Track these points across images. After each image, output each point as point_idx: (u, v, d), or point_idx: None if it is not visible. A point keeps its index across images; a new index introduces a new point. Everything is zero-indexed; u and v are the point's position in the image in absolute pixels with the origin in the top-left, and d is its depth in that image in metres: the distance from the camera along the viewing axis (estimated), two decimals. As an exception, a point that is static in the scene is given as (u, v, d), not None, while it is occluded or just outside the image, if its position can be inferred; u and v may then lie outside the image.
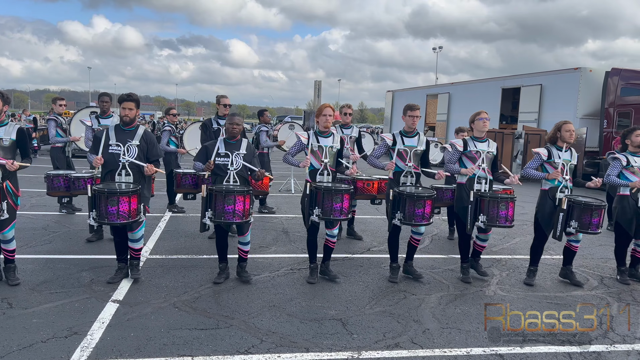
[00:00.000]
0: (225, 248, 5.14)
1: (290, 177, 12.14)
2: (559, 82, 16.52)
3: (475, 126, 5.44)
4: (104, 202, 4.56)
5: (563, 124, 5.44)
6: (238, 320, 4.17)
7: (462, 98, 21.28)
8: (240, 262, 5.20)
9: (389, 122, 27.12)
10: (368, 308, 4.59)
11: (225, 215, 4.73)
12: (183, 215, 8.42)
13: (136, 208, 4.71)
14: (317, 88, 49.62)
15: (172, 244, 6.55)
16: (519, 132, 16.53)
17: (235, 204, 4.72)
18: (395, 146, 5.30)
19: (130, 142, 4.96)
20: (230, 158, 5.04)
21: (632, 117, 14.51)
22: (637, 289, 5.48)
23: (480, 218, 5.19)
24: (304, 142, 5.18)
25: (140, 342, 3.70)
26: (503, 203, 5.17)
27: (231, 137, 5.15)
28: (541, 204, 5.43)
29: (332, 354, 3.64)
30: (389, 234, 5.40)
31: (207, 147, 5.18)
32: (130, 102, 4.96)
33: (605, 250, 7.12)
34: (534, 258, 5.58)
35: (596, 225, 5.22)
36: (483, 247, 5.65)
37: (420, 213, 5.05)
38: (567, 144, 5.41)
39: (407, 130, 5.39)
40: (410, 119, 5.33)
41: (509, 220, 5.24)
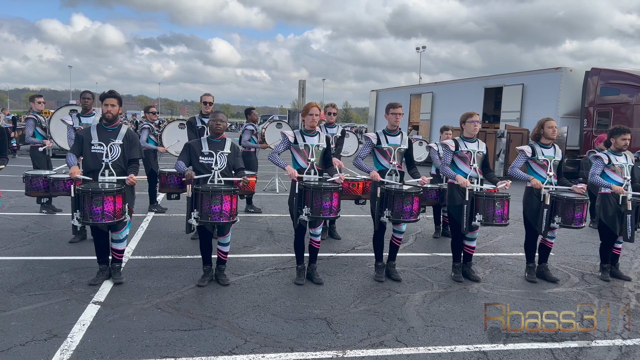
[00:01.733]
0: (210, 250, 5.07)
1: (275, 176, 12.09)
2: (541, 81, 16.72)
3: (465, 127, 5.45)
4: (88, 202, 4.48)
5: (546, 121, 5.51)
6: (222, 321, 4.13)
7: (446, 97, 21.43)
8: (220, 264, 5.12)
9: (373, 121, 27.20)
10: (353, 307, 4.58)
11: (212, 215, 4.66)
12: (166, 216, 8.33)
13: (121, 208, 4.64)
14: (302, 87, 49.51)
15: (154, 244, 6.48)
16: (501, 131, 16.71)
17: (222, 203, 4.66)
18: (380, 145, 5.31)
19: (114, 142, 4.89)
20: (215, 157, 4.98)
21: (611, 116, 14.75)
22: (617, 285, 5.57)
23: (477, 217, 5.21)
24: (290, 140, 5.15)
25: (122, 344, 3.64)
26: (499, 201, 5.20)
27: (215, 134, 5.10)
28: (527, 202, 5.50)
29: (316, 354, 3.63)
30: (375, 233, 5.40)
31: (190, 145, 5.10)
32: (113, 98, 4.88)
33: (586, 247, 7.22)
34: (529, 255, 5.65)
35: (579, 220, 5.31)
36: (472, 248, 5.57)
37: (408, 209, 5.07)
38: (550, 140, 5.47)
39: (390, 129, 5.39)
40: (392, 116, 5.33)
41: (505, 219, 5.26)
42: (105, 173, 4.83)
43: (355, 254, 6.42)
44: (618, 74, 15.19)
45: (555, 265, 6.18)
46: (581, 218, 5.32)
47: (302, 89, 50.27)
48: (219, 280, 5.06)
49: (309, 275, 5.28)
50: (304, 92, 51.11)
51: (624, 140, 5.64)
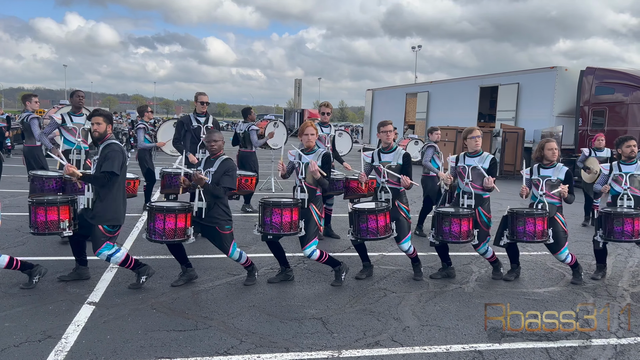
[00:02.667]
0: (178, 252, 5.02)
1: (271, 175, 12.08)
2: (536, 80, 16.77)
3: (468, 144, 5.47)
4: None
5: (545, 143, 5.49)
6: (217, 321, 4.12)
7: (441, 97, 21.45)
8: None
9: (369, 120, 27.20)
10: (348, 307, 4.58)
11: (163, 234, 4.75)
12: (161, 215, 8.30)
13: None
14: (298, 87, 49.44)
15: (150, 244, 6.43)
16: (496, 130, 16.75)
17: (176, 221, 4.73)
18: (374, 163, 5.48)
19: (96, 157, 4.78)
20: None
21: (606, 115, 14.80)
22: (612, 284, 5.58)
23: (505, 232, 5.40)
24: (291, 159, 5.32)
25: (117, 345, 3.62)
26: (453, 220, 5.18)
27: (211, 154, 5.03)
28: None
29: (312, 354, 3.63)
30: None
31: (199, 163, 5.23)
32: (99, 116, 4.71)
33: (580, 246, 7.24)
34: (511, 257, 5.70)
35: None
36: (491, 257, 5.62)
37: (364, 227, 5.17)
38: (550, 161, 5.44)
39: (384, 147, 5.49)
40: (384, 134, 5.43)
41: (456, 237, 5.24)
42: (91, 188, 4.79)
43: (351, 253, 6.41)
44: (613, 73, 15.24)
45: (551, 265, 6.19)
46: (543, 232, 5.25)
47: (298, 88, 50.27)
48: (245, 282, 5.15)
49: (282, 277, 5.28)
50: (300, 91, 51.14)
51: (629, 148, 5.65)
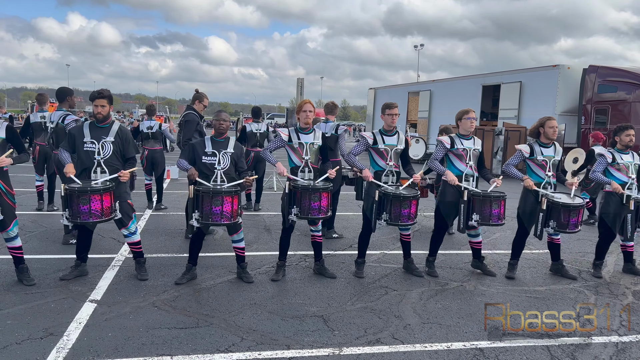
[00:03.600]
0: (198, 250, 5.07)
1: (273, 174, 12.08)
2: (538, 79, 16.73)
3: (462, 124, 5.43)
4: (76, 200, 4.46)
5: (547, 120, 5.46)
6: (218, 319, 4.13)
7: (443, 95, 21.43)
8: (240, 262, 5.16)
9: (372, 119, 27.19)
10: (349, 304, 4.58)
11: (213, 216, 4.65)
12: (164, 214, 8.33)
13: (109, 206, 4.62)
14: (300, 85, 49.58)
15: (152, 242, 6.47)
16: (499, 128, 16.71)
17: (223, 205, 4.64)
18: (377, 145, 5.29)
19: (105, 139, 4.87)
20: (217, 157, 4.97)
21: (609, 113, 14.77)
22: (614, 282, 5.57)
23: (474, 217, 5.25)
24: (284, 138, 5.14)
25: (118, 342, 3.64)
26: (495, 202, 5.23)
27: (219, 134, 5.09)
28: (523, 200, 5.50)
29: (313, 351, 3.63)
30: (363, 231, 5.41)
31: (193, 145, 5.08)
32: (102, 99, 4.83)
33: (583, 244, 7.23)
34: (515, 252, 5.65)
35: (574, 225, 5.30)
36: (479, 242, 5.65)
37: (406, 213, 5.05)
38: (550, 140, 5.46)
39: (387, 129, 5.38)
40: (389, 117, 5.31)
41: (501, 218, 5.31)
42: (98, 171, 4.81)
43: (353, 251, 6.41)
44: (615, 71, 15.20)
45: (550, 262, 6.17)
46: (576, 223, 5.31)
47: (300, 87, 50.19)
48: (242, 278, 5.10)
49: (320, 270, 5.32)
50: (302, 91, 51.01)
51: (628, 137, 5.64)
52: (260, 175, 8.93)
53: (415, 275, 5.43)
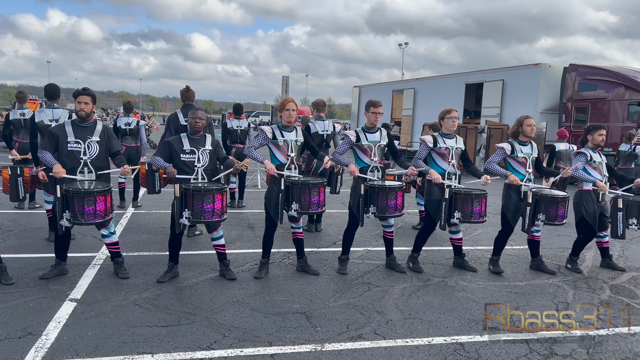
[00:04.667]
0: (179, 248, 5.04)
1: (257, 172, 12.06)
2: (520, 77, 16.92)
3: (444, 124, 5.50)
4: (79, 202, 4.44)
5: (525, 119, 5.56)
6: (200, 317, 4.11)
7: (427, 93, 21.56)
8: (222, 259, 5.13)
9: (356, 117, 27.26)
10: (332, 301, 4.60)
11: (205, 214, 4.66)
12: (145, 212, 8.26)
13: (110, 206, 4.70)
14: (285, 83, 49.36)
15: (134, 240, 6.42)
16: (481, 126, 16.87)
17: (214, 202, 4.66)
18: (360, 142, 5.31)
19: (91, 139, 4.83)
20: (197, 154, 4.95)
21: (589, 111, 15.00)
22: (592, 276, 5.67)
23: (455, 214, 5.32)
24: (268, 135, 5.13)
25: (99, 341, 3.60)
26: (477, 199, 5.30)
27: (194, 132, 5.06)
28: (506, 198, 5.56)
29: (295, 347, 3.64)
30: (348, 228, 5.44)
31: (169, 142, 5.03)
32: (86, 96, 4.81)
33: (562, 240, 7.34)
34: (497, 249, 5.73)
35: (562, 217, 5.42)
36: (459, 239, 5.74)
37: (392, 204, 5.13)
38: (528, 138, 5.54)
39: (369, 126, 5.41)
40: (372, 115, 5.34)
41: (482, 216, 5.40)
42: (85, 171, 4.78)
43: (336, 248, 6.43)
44: (595, 70, 15.45)
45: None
46: (563, 215, 5.45)
47: (285, 85, 50.04)
48: (225, 276, 5.08)
49: (303, 267, 5.33)
50: (287, 89, 50.88)
51: (601, 136, 5.74)
52: (243, 172, 8.91)
53: (398, 271, 5.47)
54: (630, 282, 5.53)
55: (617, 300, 4.91)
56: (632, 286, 5.38)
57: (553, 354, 3.71)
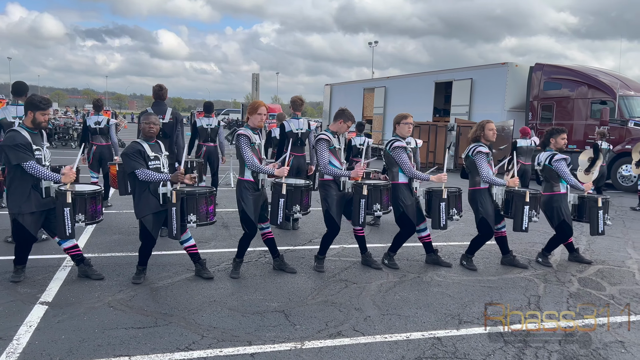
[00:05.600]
0: (150, 253, 4.93)
1: (230, 170, 11.96)
2: (488, 76, 17.26)
3: (399, 128, 5.56)
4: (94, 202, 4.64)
5: (486, 123, 5.63)
6: (177, 317, 4.06)
7: (398, 92, 21.76)
8: (197, 260, 5.07)
9: (328, 115, 27.29)
10: (310, 299, 4.60)
11: (210, 216, 4.82)
12: (115, 212, 8.09)
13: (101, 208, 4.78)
14: (255, 81, 49.01)
15: (105, 241, 6.28)
16: (451, 124, 17.14)
17: (212, 204, 4.87)
18: (332, 146, 5.31)
19: (43, 144, 4.74)
20: (161, 160, 4.88)
21: (554, 109, 15.42)
22: (561, 270, 5.84)
23: (451, 212, 5.58)
24: (251, 140, 5.09)
25: (73, 345, 3.51)
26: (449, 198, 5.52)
27: (148, 138, 4.87)
28: (480, 204, 5.58)
29: (275, 346, 3.63)
30: (330, 232, 5.35)
31: (139, 151, 4.72)
32: (50, 107, 4.78)
33: (532, 235, 7.52)
34: (472, 249, 5.82)
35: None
36: (427, 236, 5.80)
37: (386, 201, 5.31)
38: (489, 142, 5.63)
39: (336, 131, 5.42)
40: (344, 126, 5.35)
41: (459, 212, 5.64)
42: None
43: (313, 246, 6.44)
44: (560, 69, 15.88)
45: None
46: None
47: (255, 82, 49.65)
48: (202, 275, 5.02)
49: (280, 266, 5.33)
50: (257, 86, 50.52)
51: (563, 140, 5.92)
52: (214, 170, 8.83)
53: (374, 268, 5.51)
54: (597, 274, 5.72)
55: (586, 293, 5.07)
56: (599, 278, 5.56)
57: (527, 346, 3.80)
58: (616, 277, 5.63)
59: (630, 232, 8.16)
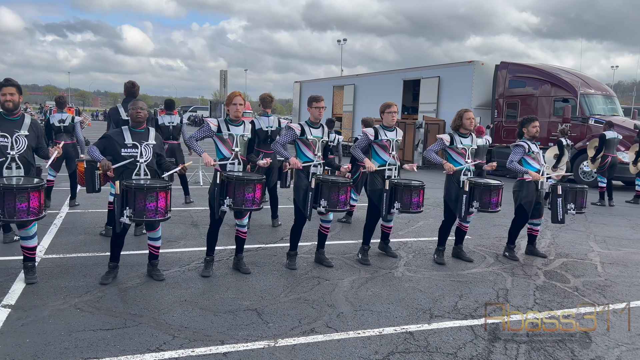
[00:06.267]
0: (121, 247, 4.84)
1: (199, 168, 11.80)
2: (455, 74, 17.53)
3: (385, 117, 5.66)
4: (12, 199, 4.15)
5: (464, 112, 5.81)
6: (147, 318, 3.98)
7: (367, 89, 21.89)
8: (152, 259, 4.96)
9: (297, 112, 27.24)
10: (283, 296, 4.58)
11: (148, 213, 4.45)
12: (81, 211, 7.88)
13: (43, 202, 4.42)
14: (223, 78, 48.44)
15: (70, 241, 6.11)
16: (419, 122, 17.36)
17: (157, 200, 4.45)
18: (304, 136, 5.31)
19: (19, 133, 4.54)
20: (139, 149, 4.75)
21: (519, 107, 15.79)
22: (527, 263, 5.99)
23: (395, 205, 5.46)
24: (212, 128, 5.01)
25: (38, 348, 3.40)
26: (415, 191, 5.47)
27: (136, 124, 4.86)
28: (447, 188, 5.81)
29: (248, 344, 3.60)
30: (296, 224, 5.41)
31: (109, 136, 4.79)
32: (11, 87, 4.54)
33: (499, 230, 7.69)
34: (442, 239, 5.95)
35: (495, 204, 5.68)
36: (389, 227, 5.96)
37: (343, 199, 5.20)
38: (468, 130, 5.79)
39: (313, 122, 5.42)
40: (316, 110, 5.35)
41: (420, 206, 5.59)
42: (12, 166, 4.50)
43: (284, 244, 6.42)
44: (524, 67, 16.26)
45: (472, 248, 6.54)
46: (497, 202, 5.70)
47: (223, 79, 49.22)
48: (152, 276, 4.89)
49: (237, 265, 5.24)
50: (225, 83, 50.11)
51: (534, 128, 6.08)
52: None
53: (325, 265, 5.49)
54: (562, 267, 5.89)
55: (551, 285, 5.22)
56: (564, 271, 5.73)
57: (496, 339, 3.89)
58: (579, 270, 5.81)
59: (592, 226, 8.43)
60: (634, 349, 3.81)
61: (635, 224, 8.79)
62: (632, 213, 9.94)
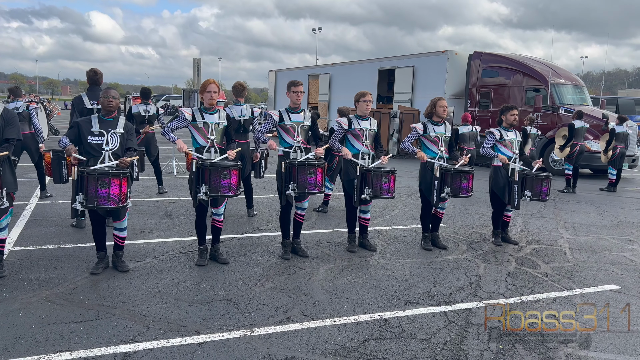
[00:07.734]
0: (103, 236, 4.78)
1: (172, 158, 11.64)
2: (429, 64, 17.64)
3: (359, 106, 5.67)
4: None
5: (437, 101, 5.87)
6: (121, 309, 3.93)
7: (342, 78, 21.86)
8: (117, 250, 4.88)
9: (273, 101, 27.08)
10: (259, 286, 4.58)
11: (99, 199, 4.35)
12: (51, 202, 7.70)
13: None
14: (197, 66, 47.74)
15: (40, 233, 5.97)
16: (394, 111, 17.44)
17: (110, 187, 4.35)
18: (283, 122, 5.31)
19: None
20: (105, 137, 4.66)
21: (492, 97, 16.00)
22: (499, 250, 6.11)
23: (366, 191, 5.46)
24: (187, 117, 4.95)
25: (8, 342, 3.33)
26: (385, 176, 5.47)
27: (106, 112, 4.76)
28: (422, 176, 5.88)
29: (224, 334, 3.59)
30: (281, 211, 5.44)
31: (78, 123, 4.68)
32: None
33: (472, 217, 7.82)
34: (425, 225, 6.04)
35: (466, 189, 5.77)
36: (367, 219, 5.93)
37: (312, 181, 5.16)
38: (441, 118, 5.85)
39: (293, 107, 5.41)
40: (294, 94, 5.36)
41: (391, 192, 5.59)
42: None
43: (260, 233, 6.41)
44: (496, 57, 16.46)
45: (446, 235, 6.63)
46: (467, 188, 5.79)
47: (197, 67, 48.51)
48: (117, 267, 4.80)
49: (213, 256, 5.21)
50: (199, 71, 49.43)
51: (512, 116, 6.21)
52: (154, 155, 8.56)
53: (301, 255, 5.50)
54: (532, 254, 6.03)
55: (522, 271, 5.34)
56: (534, 257, 5.87)
57: (469, 324, 3.96)
58: (549, 256, 5.96)
59: (561, 213, 8.65)
60: (600, 332, 3.93)
61: (603, 210, 9.05)
62: (600, 200, 10.22)
